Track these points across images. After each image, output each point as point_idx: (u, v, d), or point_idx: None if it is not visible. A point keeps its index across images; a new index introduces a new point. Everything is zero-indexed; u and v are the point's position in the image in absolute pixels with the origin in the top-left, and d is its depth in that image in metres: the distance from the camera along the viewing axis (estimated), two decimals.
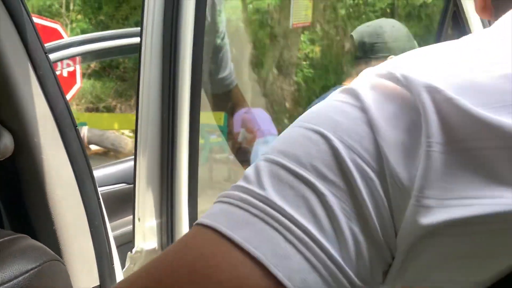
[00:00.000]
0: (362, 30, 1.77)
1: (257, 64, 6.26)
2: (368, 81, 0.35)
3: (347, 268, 0.31)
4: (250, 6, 7.21)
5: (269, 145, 0.35)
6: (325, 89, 8.14)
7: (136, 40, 2.31)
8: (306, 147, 0.32)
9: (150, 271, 0.32)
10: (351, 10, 7.43)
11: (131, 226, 1.28)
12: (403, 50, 1.77)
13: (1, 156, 0.84)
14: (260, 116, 6.03)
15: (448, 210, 0.30)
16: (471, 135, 0.30)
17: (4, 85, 0.81)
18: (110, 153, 4.66)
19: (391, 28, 1.70)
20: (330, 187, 0.31)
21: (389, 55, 1.64)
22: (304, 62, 8.38)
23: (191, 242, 0.32)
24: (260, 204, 0.31)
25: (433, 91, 0.31)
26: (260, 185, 0.32)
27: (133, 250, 1.31)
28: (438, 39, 1.48)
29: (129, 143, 5.96)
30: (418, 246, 0.32)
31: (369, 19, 8.63)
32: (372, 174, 0.32)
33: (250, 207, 0.31)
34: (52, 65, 0.86)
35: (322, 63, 8.53)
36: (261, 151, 5.94)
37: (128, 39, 2.35)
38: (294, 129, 0.34)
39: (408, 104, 0.32)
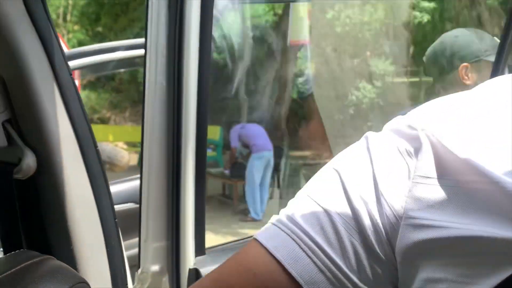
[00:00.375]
0: (428, 53, 1.74)
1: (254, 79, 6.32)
2: (387, 127, 0.46)
3: (347, 271, 0.41)
4: (249, 23, 7.30)
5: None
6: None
7: (137, 52, 2.30)
8: (324, 181, 0.45)
9: (220, 265, 0.47)
10: (347, 28, 7.55)
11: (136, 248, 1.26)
12: (477, 53, 1.71)
13: (24, 175, 0.85)
14: (256, 131, 6.03)
15: (434, 230, 0.38)
16: (455, 171, 0.38)
17: (30, 105, 0.82)
18: (105, 166, 4.63)
19: (454, 39, 1.66)
20: (338, 210, 0.42)
21: (463, 63, 1.60)
22: (300, 78, 8.45)
23: (245, 248, 0.46)
24: (288, 222, 0.44)
25: (430, 134, 0.41)
26: (291, 209, 0.45)
27: (139, 271, 1.30)
28: (500, 54, 1.40)
29: (125, 156, 5.92)
30: (410, 263, 0.39)
31: (364, 38, 8.76)
32: (369, 200, 0.42)
33: (281, 225, 0.44)
34: (76, 86, 0.87)
35: (316, 79, 8.61)
36: (256, 166, 5.88)
37: (130, 51, 2.34)
38: (323, 168, 0.47)
39: (413, 138, 0.42)
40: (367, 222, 0.41)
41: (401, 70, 9.63)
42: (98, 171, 0.90)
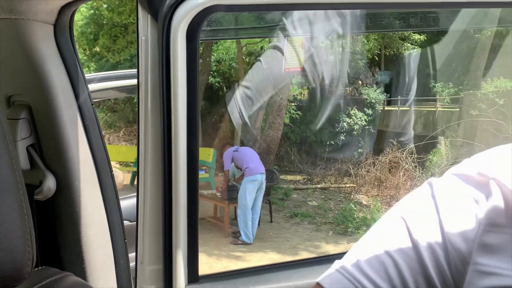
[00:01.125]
0: None
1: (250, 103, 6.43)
2: (453, 172, 0.47)
3: None
4: (244, 48, 7.47)
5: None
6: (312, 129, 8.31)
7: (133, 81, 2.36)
8: (392, 230, 0.47)
9: None
10: (339, 57, 7.75)
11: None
12: None
13: (44, 197, 0.91)
14: (249, 154, 6.06)
15: (502, 278, 0.40)
16: None
17: (54, 132, 0.89)
18: None
19: None
20: (404, 257, 0.44)
21: None
22: (292, 104, 8.60)
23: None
24: (351, 269, 0.46)
25: (501, 183, 0.42)
26: (357, 255, 0.47)
27: None
28: None
29: (119, 175, 5.95)
30: None
31: (357, 66, 8.96)
32: (436, 247, 0.43)
33: (345, 272, 0.47)
34: (97, 115, 0.94)
35: (309, 105, 8.77)
36: (248, 189, 5.88)
37: (126, 80, 2.38)
38: (388, 215, 0.50)
39: (483, 185, 0.43)
40: (433, 267, 0.43)
41: (391, 98, 9.86)
42: (112, 194, 0.97)
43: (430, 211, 0.45)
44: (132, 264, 1.40)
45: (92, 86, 2.20)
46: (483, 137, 6.92)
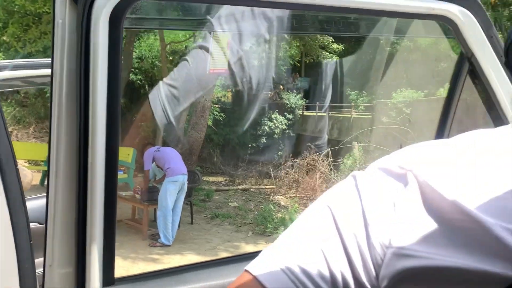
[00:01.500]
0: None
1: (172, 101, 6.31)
2: (375, 166, 0.51)
3: None
4: (168, 47, 7.32)
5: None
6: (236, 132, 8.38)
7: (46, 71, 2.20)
8: (319, 220, 0.49)
9: None
10: (262, 61, 7.91)
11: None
12: None
13: None
14: (171, 155, 5.94)
15: (417, 259, 0.44)
16: (440, 209, 0.44)
17: None
18: None
19: None
20: (330, 247, 0.47)
21: None
22: (216, 106, 8.60)
23: (241, 275, 0.49)
24: (295, 270, 0.47)
25: (418, 175, 0.47)
26: (286, 245, 0.49)
27: None
28: (449, 102, 1.23)
29: (28, 174, 5.50)
30: None
31: (279, 71, 9.19)
32: (359, 234, 0.47)
33: (289, 273, 0.47)
34: (1, 106, 0.87)
35: (232, 107, 8.83)
36: (169, 190, 5.76)
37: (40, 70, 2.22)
38: (315, 205, 0.51)
39: (401, 176, 0.48)
40: (356, 255, 0.46)
41: (310, 104, 10.26)
42: (17, 193, 0.90)
43: (354, 200, 0.48)
44: (41, 269, 1.30)
45: (3, 74, 2.01)
46: (392, 143, 7.45)
